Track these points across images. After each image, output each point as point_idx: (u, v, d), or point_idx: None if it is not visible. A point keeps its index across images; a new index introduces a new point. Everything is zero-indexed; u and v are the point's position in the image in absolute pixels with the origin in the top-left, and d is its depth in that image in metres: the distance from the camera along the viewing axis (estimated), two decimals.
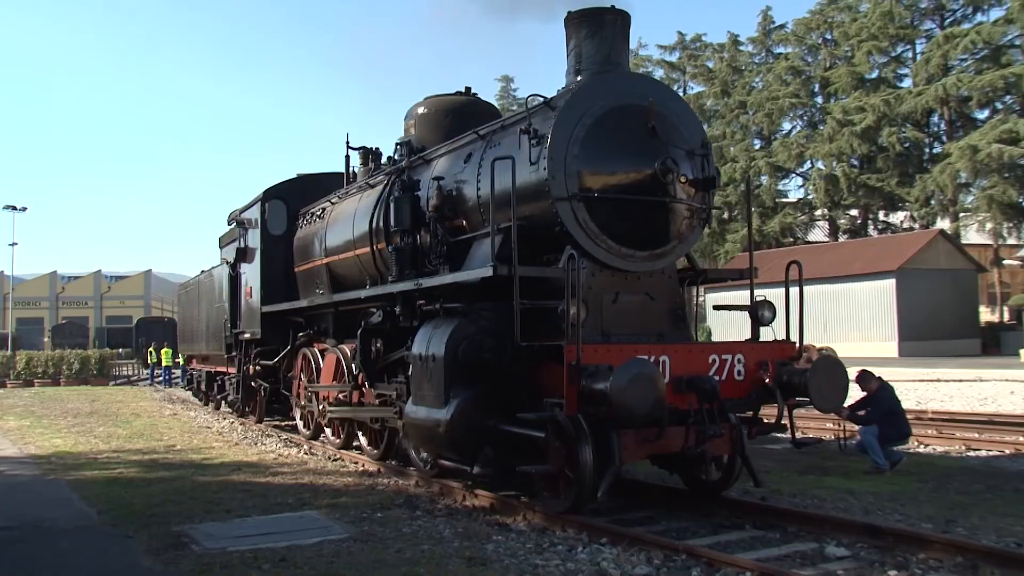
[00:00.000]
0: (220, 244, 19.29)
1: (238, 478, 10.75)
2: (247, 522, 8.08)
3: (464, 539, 7.21)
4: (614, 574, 6.11)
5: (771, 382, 8.10)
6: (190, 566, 6.47)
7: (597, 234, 8.33)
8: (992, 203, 41.82)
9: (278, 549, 6.90)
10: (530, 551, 6.80)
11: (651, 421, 7.36)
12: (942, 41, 44.61)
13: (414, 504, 8.84)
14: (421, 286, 9.30)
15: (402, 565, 6.36)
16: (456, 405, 8.29)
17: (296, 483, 10.28)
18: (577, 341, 7.35)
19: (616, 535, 7.15)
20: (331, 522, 7.95)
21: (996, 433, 13.48)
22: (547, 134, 8.35)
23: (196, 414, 20.95)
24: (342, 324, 13.01)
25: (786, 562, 6.38)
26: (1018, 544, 6.78)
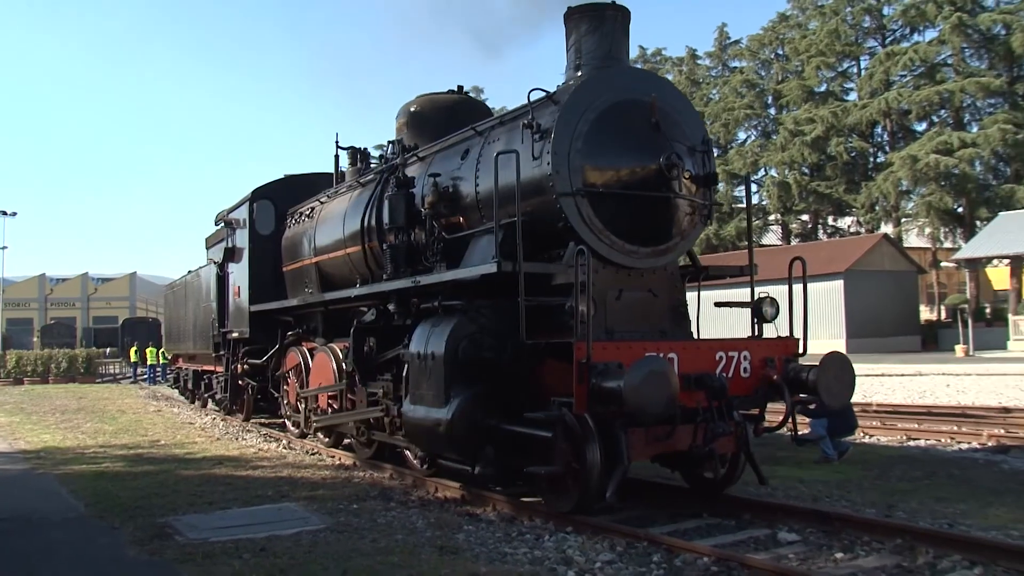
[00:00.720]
0: (207, 245, 18.38)
1: (220, 472, 10.58)
2: (228, 514, 7.93)
3: (436, 529, 7.07)
4: (579, 561, 6.00)
5: (778, 379, 7.47)
6: (174, 556, 6.39)
7: (601, 230, 7.66)
8: (930, 209, 41.97)
9: (258, 539, 6.79)
10: (499, 540, 6.69)
11: (663, 420, 6.71)
12: (884, 58, 44.67)
13: (388, 496, 8.61)
14: (419, 283, 8.58)
15: (377, 554, 6.26)
16: (457, 404, 7.62)
17: (275, 476, 10.08)
18: (587, 338, 6.67)
19: (580, 524, 6.99)
20: (309, 513, 7.79)
21: (933, 423, 13.49)
22: (550, 128, 7.67)
23: (179, 411, 20.51)
24: (332, 323, 12.25)
25: (741, 547, 6.37)
26: (950, 525, 6.83)
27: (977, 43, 42.85)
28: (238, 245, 14.90)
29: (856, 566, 5.76)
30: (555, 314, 7.41)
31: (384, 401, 9.53)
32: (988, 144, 39.54)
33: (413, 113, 10.74)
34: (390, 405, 9.45)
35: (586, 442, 6.94)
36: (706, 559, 5.89)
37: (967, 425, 13.08)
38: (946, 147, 40.31)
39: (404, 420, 8.49)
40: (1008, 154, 40.92)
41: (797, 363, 7.72)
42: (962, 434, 12.21)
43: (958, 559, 5.77)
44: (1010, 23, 41.11)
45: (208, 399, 18.96)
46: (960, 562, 5.73)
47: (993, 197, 41.43)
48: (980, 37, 42.52)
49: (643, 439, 7.07)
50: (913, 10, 44.14)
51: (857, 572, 5.62)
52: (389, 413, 9.47)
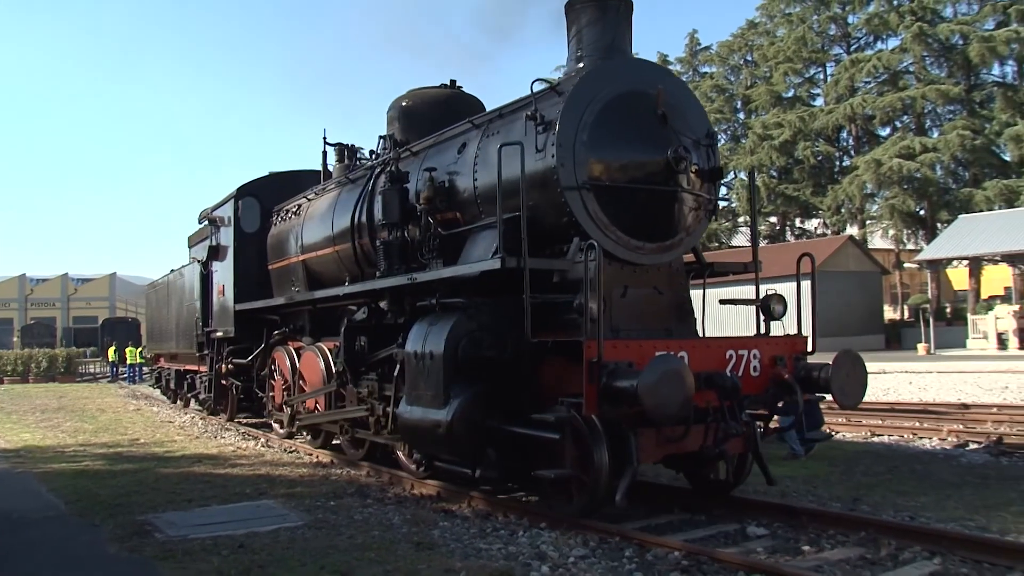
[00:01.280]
0: (189, 243, 17.68)
1: (199, 470, 10.41)
2: (207, 511, 7.83)
3: (412, 525, 6.97)
4: (553, 556, 5.93)
5: (790, 378, 7.02)
6: (153, 552, 6.31)
7: (607, 225, 7.18)
8: (894, 212, 41.91)
9: (237, 536, 6.70)
10: (474, 536, 6.61)
11: (679, 420, 6.24)
12: (849, 65, 44.59)
13: (365, 493, 8.47)
14: (416, 280, 8.05)
15: (354, 550, 6.19)
16: (457, 405, 7.11)
17: (254, 474, 9.92)
18: (598, 336, 6.19)
19: (554, 520, 6.86)
20: (287, 510, 7.68)
21: (896, 420, 13.43)
22: (554, 120, 7.18)
23: (159, 409, 20.10)
24: (319, 322, 11.69)
25: (711, 541, 6.32)
26: (912, 517, 6.83)
27: (937, 52, 42.88)
28: (222, 243, 14.25)
29: (822, 559, 5.76)
30: (559, 312, 6.95)
31: (369, 400, 9.01)
32: (948, 149, 39.59)
33: (405, 107, 10.19)
34: (375, 404, 8.93)
35: (594, 444, 6.48)
36: (677, 553, 5.83)
37: (928, 421, 13.07)
38: (908, 152, 40.31)
39: (400, 421, 7.97)
40: (966, 159, 41.00)
41: (805, 361, 7.30)
42: (923, 430, 12.15)
43: (919, 550, 5.81)
44: (967, 34, 41.17)
45: (191, 399, 18.26)
46: (920, 553, 5.77)
47: (953, 200, 41.48)
48: (939, 46, 42.53)
49: (654, 440, 6.62)
50: (876, 19, 44.12)
51: (823, 564, 5.59)
52: (374, 412, 8.96)
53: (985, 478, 8.53)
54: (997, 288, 40.09)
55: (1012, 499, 7.50)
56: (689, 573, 5.56)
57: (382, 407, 8.83)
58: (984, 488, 8.05)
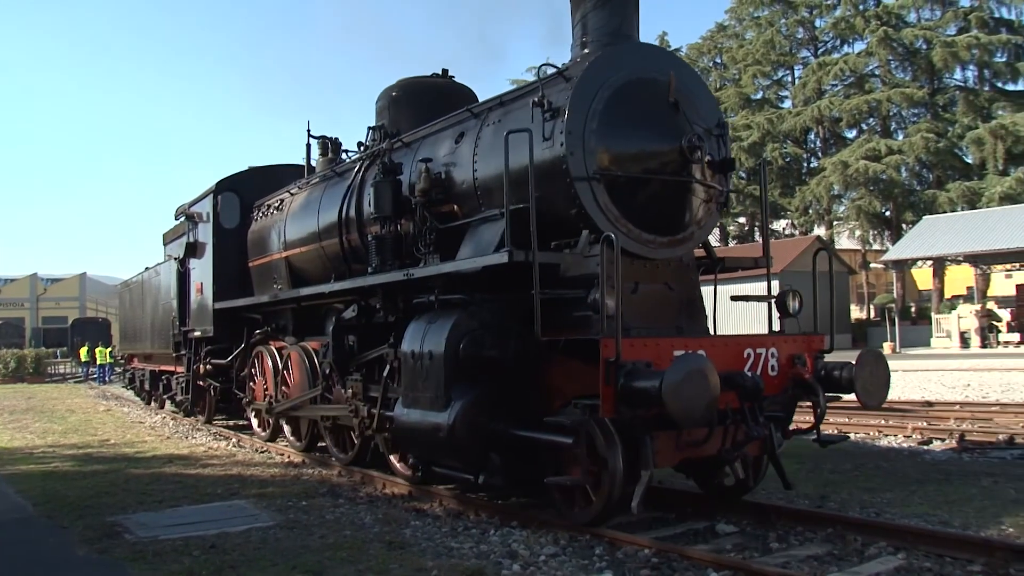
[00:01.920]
0: (164, 241, 16.93)
1: (170, 470, 10.18)
2: (178, 512, 7.65)
3: (384, 524, 6.85)
4: (524, 554, 5.83)
5: (810, 377, 6.58)
6: (123, 554, 6.14)
7: (617, 217, 6.70)
8: (860, 213, 42.08)
9: (208, 537, 6.55)
10: (446, 535, 6.50)
11: (704, 423, 5.77)
12: (816, 68, 44.70)
13: (337, 493, 8.32)
14: (412, 276, 7.51)
15: (326, 550, 6.08)
16: (460, 407, 6.60)
17: (225, 474, 9.71)
18: (616, 334, 5.71)
19: (526, 519, 6.74)
20: (258, 511, 7.53)
21: (863, 418, 13.17)
22: (563, 106, 6.68)
23: (129, 410, 19.65)
24: (303, 321, 11.11)
25: (681, 539, 6.21)
26: (877, 514, 6.80)
27: (902, 56, 43.14)
28: (200, 240, 13.56)
29: (790, 555, 5.74)
30: (567, 308, 6.48)
31: (353, 402, 8.47)
32: (912, 151, 39.79)
33: (395, 97, 9.63)
34: (359, 405, 8.39)
35: (608, 448, 5.99)
36: (647, 551, 5.76)
37: (893, 419, 12.91)
38: (874, 153, 40.46)
39: (396, 424, 7.44)
40: (930, 161, 41.23)
41: (823, 360, 6.88)
42: (889, 427, 12.00)
43: (884, 545, 5.81)
44: (930, 38, 41.49)
45: (166, 400, 17.51)
46: (886, 548, 5.77)
47: (917, 202, 41.71)
48: (904, 50, 42.80)
49: (672, 444, 6.14)
50: (843, 23, 44.30)
51: (791, 561, 5.57)
52: (359, 413, 8.41)
53: (948, 474, 8.48)
54: (960, 288, 40.26)
55: (973, 495, 7.47)
56: (659, 571, 5.47)
57: (367, 408, 8.30)
58: (947, 484, 8.00)
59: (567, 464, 6.39)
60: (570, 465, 6.37)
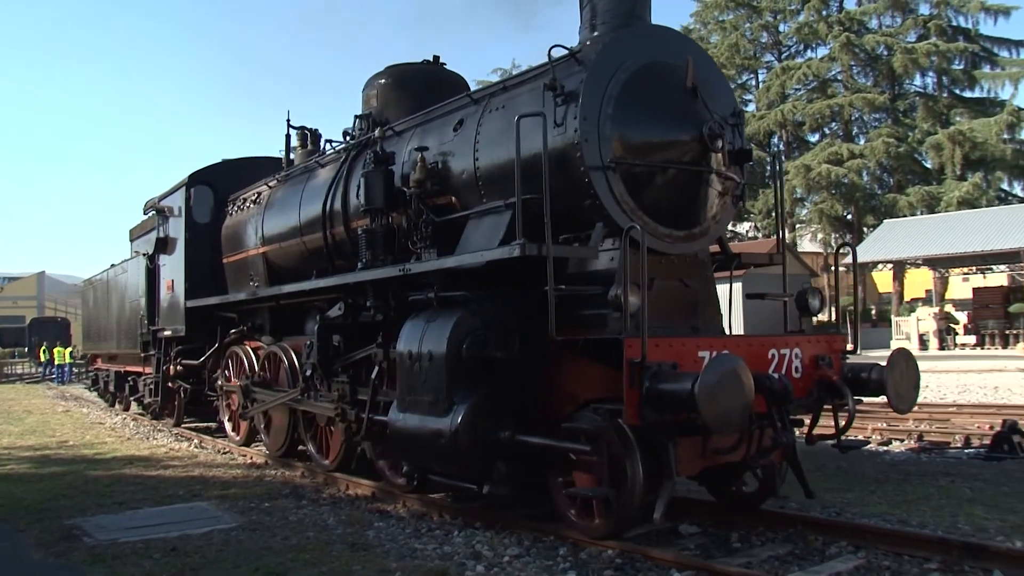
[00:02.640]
0: (131, 237, 16.09)
1: (130, 472, 9.91)
2: (138, 514, 7.44)
3: (347, 526, 6.76)
4: (488, 556, 5.75)
5: (838, 379, 6.14)
6: (81, 558, 5.98)
7: (633, 209, 6.21)
8: (822, 216, 42.15)
9: (169, 539, 6.42)
10: (409, 536, 6.41)
11: (738, 429, 5.31)
12: (780, 72, 44.66)
13: (300, 494, 8.17)
14: (409, 271, 6.95)
15: (288, 551, 6.00)
16: (464, 412, 6.07)
17: (187, 476, 9.52)
18: (642, 334, 5.21)
19: (489, 520, 6.59)
20: (220, 512, 7.38)
21: (823, 418, 12.79)
22: (576, 91, 6.18)
23: (89, 411, 19.04)
24: (281, 319, 10.46)
25: (644, 540, 5.99)
26: (838, 513, 6.76)
27: (863, 61, 43.30)
28: (171, 235, 12.80)
29: (752, 555, 5.69)
30: (573, 307, 6.00)
31: (340, 405, 7.88)
32: (874, 156, 39.97)
33: (384, 85, 9.05)
34: (347, 409, 7.81)
35: (627, 455, 5.50)
36: (611, 552, 5.68)
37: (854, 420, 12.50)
38: (836, 157, 40.54)
39: (391, 430, 6.87)
40: (891, 165, 41.48)
41: (847, 361, 6.46)
42: (850, 428, 11.56)
43: (844, 545, 5.80)
44: (891, 45, 41.71)
45: (132, 402, 16.67)
46: (846, 547, 5.76)
47: (878, 205, 41.86)
48: (866, 56, 42.94)
49: (696, 451, 5.68)
50: (806, 28, 44.32)
51: (752, 561, 5.52)
52: (346, 417, 7.82)
53: (907, 474, 8.44)
54: (919, 291, 40.52)
55: (931, 494, 7.48)
56: (623, 571, 5.40)
57: (355, 412, 7.72)
58: (906, 484, 7.98)
59: (580, 473, 5.89)
60: (583, 473, 5.88)
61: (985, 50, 41.92)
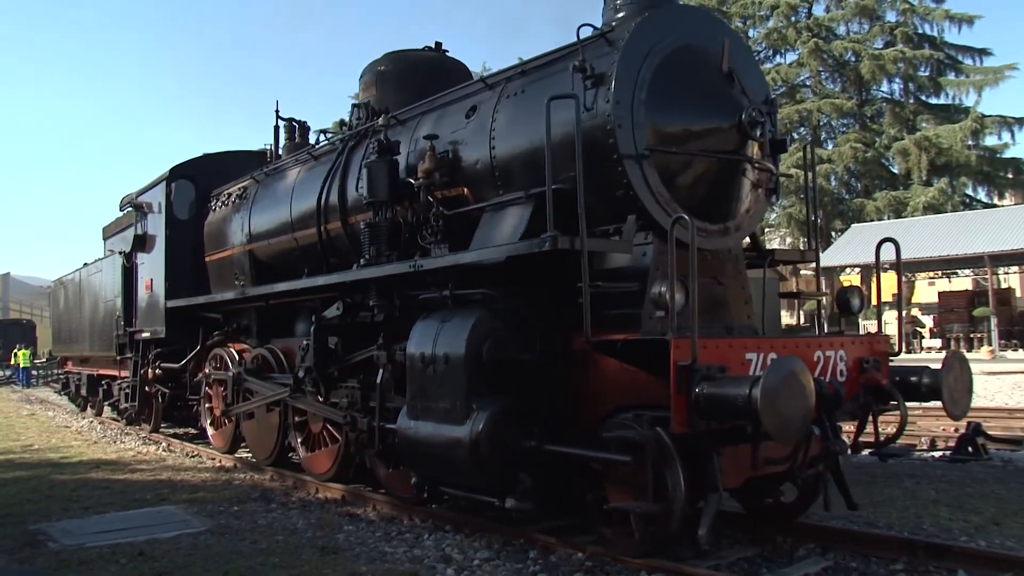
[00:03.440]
0: (104, 235, 15.27)
1: (97, 476, 9.67)
2: (105, 518, 7.28)
3: (317, 529, 6.66)
4: (458, 559, 5.67)
5: (888, 384, 5.67)
6: (46, 563, 5.84)
7: (668, 201, 5.70)
8: (791, 220, 42.07)
9: (136, 543, 6.28)
10: (379, 539, 6.32)
11: (799, 437, 4.81)
12: None
13: (269, 497, 8.03)
14: (421, 268, 6.38)
15: (258, 555, 5.90)
16: (486, 419, 5.53)
17: (155, 479, 9.29)
18: (693, 334, 4.70)
19: (460, 523, 6.49)
20: (189, 516, 7.25)
21: None
22: (607, 73, 5.65)
23: (55, 414, 18.69)
24: (269, 321, 9.82)
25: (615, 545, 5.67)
26: (805, 516, 6.50)
27: (832, 67, 43.38)
28: (150, 232, 12.04)
29: (721, 556, 5.59)
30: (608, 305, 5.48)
31: (350, 413, 7.24)
32: (842, 161, 40.00)
33: (383, 72, 8.46)
34: (358, 417, 7.18)
35: (667, 466, 4.98)
36: (581, 555, 5.57)
37: None
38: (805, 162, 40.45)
39: (400, 439, 6.30)
40: (859, 171, 41.51)
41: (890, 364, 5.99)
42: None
43: (812, 547, 5.76)
44: (859, 51, 41.80)
45: (106, 407, 15.82)
46: (814, 549, 5.72)
47: (846, 210, 41.90)
48: (834, 62, 43.05)
49: (742, 461, 5.16)
50: (775, 34, 44.21)
51: (721, 563, 5.42)
52: (356, 427, 7.18)
53: (873, 476, 8.37)
54: (886, 295, 40.58)
55: (896, 496, 7.44)
56: (592, 574, 5.32)
57: (367, 421, 7.08)
58: (872, 486, 7.87)
59: (615, 485, 5.36)
60: (618, 486, 5.35)
61: (950, 58, 42.13)
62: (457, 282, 6.21)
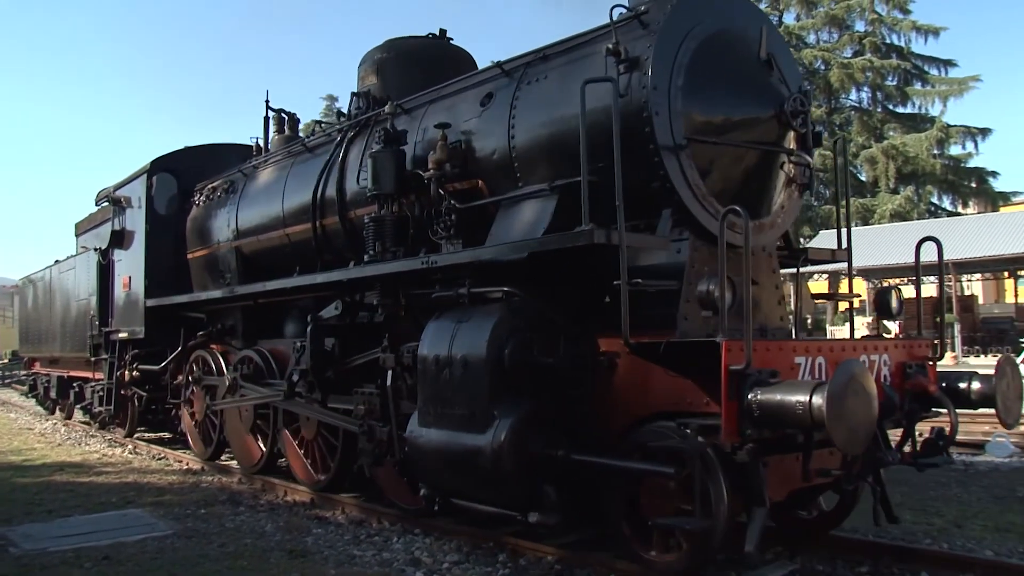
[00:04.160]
0: (77, 231, 14.53)
1: (60, 478, 9.42)
2: (69, 522, 7.09)
3: (285, 532, 6.56)
4: (427, 562, 5.63)
5: (936, 390, 5.29)
6: (7, 569, 5.71)
7: (705, 195, 5.29)
8: None
9: (101, 547, 6.12)
10: (348, 542, 6.21)
11: (863, 447, 4.42)
12: None
13: (237, 500, 7.89)
14: (435, 264, 5.91)
15: (225, 559, 5.82)
16: (509, 427, 5.09)
17: (120, 482, 9.08)
18: (747, 336, 4.30)
19: (428, 526, 6.40)
20: (155, 519, 7.10)
21: None
22: (642, 57, 5.23)
23: (17, 416, 18.22)
24: (256, 321, 9.27)
25: (582, 546, 5.68)
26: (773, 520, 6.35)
27: (802, 75, 43.44)
28: (129, 227, 11.37)
29: None
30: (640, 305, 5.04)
31: (367, 422, 6.68)
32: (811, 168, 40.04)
33: (385, 60, 7.96)
34: (376, 427, 6.62)
35: (711, 478, 4.56)
36: (550, 558, 5.56)
37: None
38: None
39: (410, 447, 5.81)
40: (827, 178, 41.59)
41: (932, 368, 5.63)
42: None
43: (780, 550, 5.70)
44: (828, 60, 42.11)
45: (77, 410, 15.06)
46: (782, 553, 5.66)
47: (815, 217, 42.00)
48: (804, 70, 43.12)
49: (791, 472, 4.75)
50: None
51: None
52: (374, 436, 6.63)
53: None
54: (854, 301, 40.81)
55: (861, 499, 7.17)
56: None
57: (387, 430, 6.48)
58: None
59: (652, 498, 4.94)
60: (655, 499, 4.92)
61: (916, 68, 42.62)
62: (473, 280, 5.75)
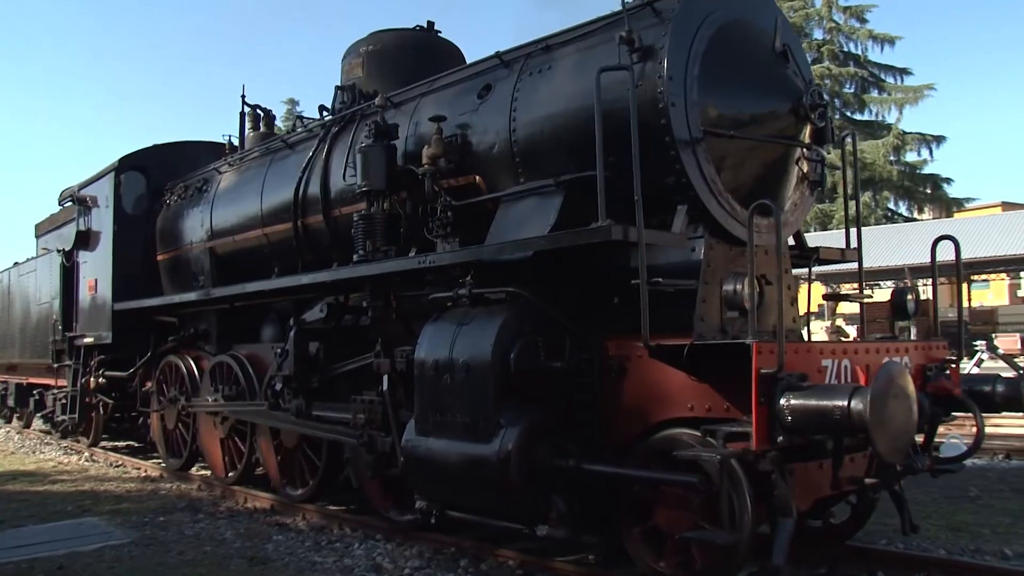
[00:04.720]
0: (37, 232, 13.85)
1: (13, 488, 9.21)
2: (22, 532, 6.98)
3: (246, 539, 6.47)
4: (388, 568, 5.55)
5: (961, 393, 5.06)
6: None
7: (721, 191, 5.02)
8: None
9: (56, 557, 5.99)
10: (309, 549, 6.11)
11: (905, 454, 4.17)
12: None
13: (196, 507, 7.76)
14: (433, 264, 5.56)
15: (184, 567, 5.74)
16: (516, 436, 4.77)
17: (76, 490, 8.90)
18: (779, 338, 4.02)
19: (390, 532, 6.28)
20: (112, 528, 6.99)
21: None
22: (656, 45, 4.94)
23: None
24: (231, 325, 8.81)
25: (545, 552, 5.53)
26: None
27: None
28: (95, 228, 10.78)
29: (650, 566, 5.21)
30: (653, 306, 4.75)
31: (367, 432, 6.25)
32: None
33: (371, 52, 7.57)
34: (378, 436, 6.18)
35: (734, 488, 4.27)
36: (512, 563, 5.49)
37: None
38: None
39: (407, 457, 5.45)
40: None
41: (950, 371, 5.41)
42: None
43: None
44: None
45: (36, 418, 14.34)
46: None
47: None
48: None
49: (818, 480, 4.48)
50: None
51: (653, 571, 5.03)
52: (375, 448, 6.19)
53: None
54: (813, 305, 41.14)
55: None
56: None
57: (390, 440, 6.02)
58: None
59: (669, 510, 4.64)
60: (673, 511, 4.63)
61: (873, 75, 43.16)
62: (473, 280, 5.40)
